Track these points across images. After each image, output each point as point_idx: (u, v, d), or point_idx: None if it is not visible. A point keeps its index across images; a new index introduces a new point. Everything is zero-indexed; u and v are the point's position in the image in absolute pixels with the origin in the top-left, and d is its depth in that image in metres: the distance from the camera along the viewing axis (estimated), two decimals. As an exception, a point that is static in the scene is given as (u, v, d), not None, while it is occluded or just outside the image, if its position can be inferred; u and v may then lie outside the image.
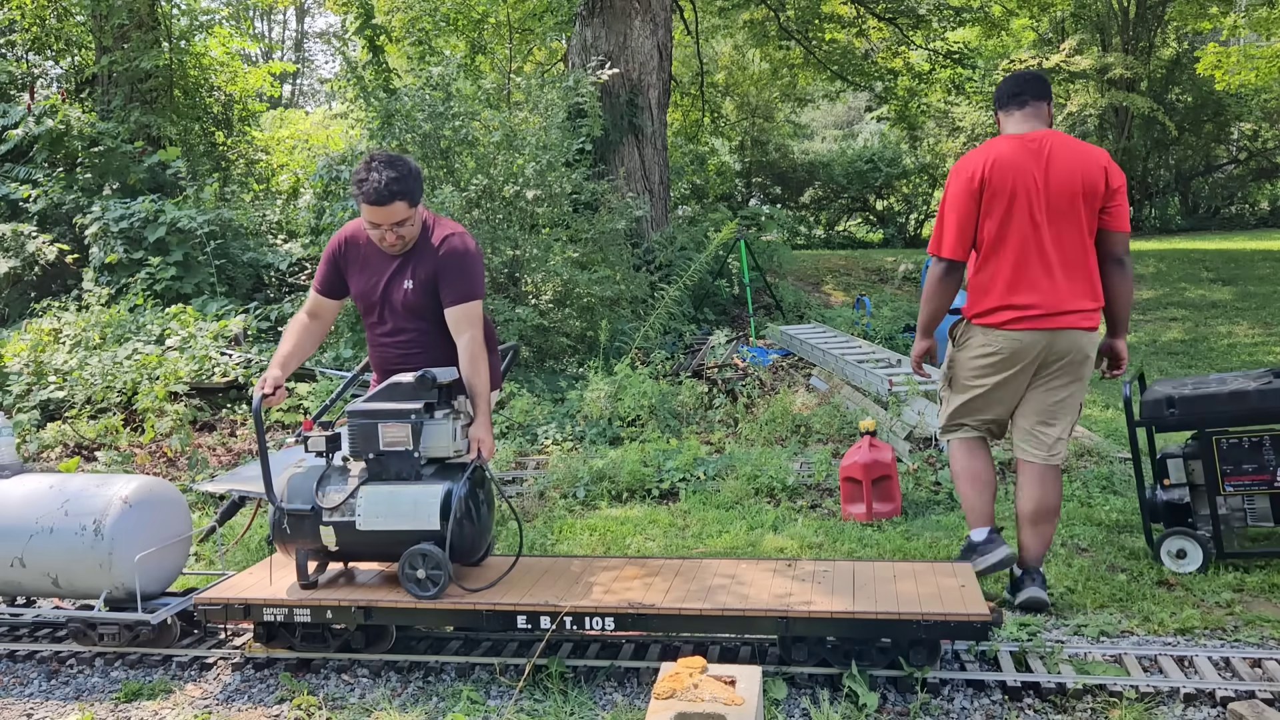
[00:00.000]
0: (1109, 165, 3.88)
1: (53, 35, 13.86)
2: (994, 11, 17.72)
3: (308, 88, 32.84)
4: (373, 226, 3.72)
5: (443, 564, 3.49)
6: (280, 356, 3.88)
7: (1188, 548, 4.23)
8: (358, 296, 3.90)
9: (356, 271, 3.88)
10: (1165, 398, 4.23)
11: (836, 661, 3.36)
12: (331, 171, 8.94)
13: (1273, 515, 4.27)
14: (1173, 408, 4.21)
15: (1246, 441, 4.18)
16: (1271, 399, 4.10)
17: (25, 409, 7.55)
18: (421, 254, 3.80)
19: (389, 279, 3.81)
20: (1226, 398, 4.15)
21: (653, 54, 11.30)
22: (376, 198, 3.62)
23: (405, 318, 3.83)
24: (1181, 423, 4.22)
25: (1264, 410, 4.13)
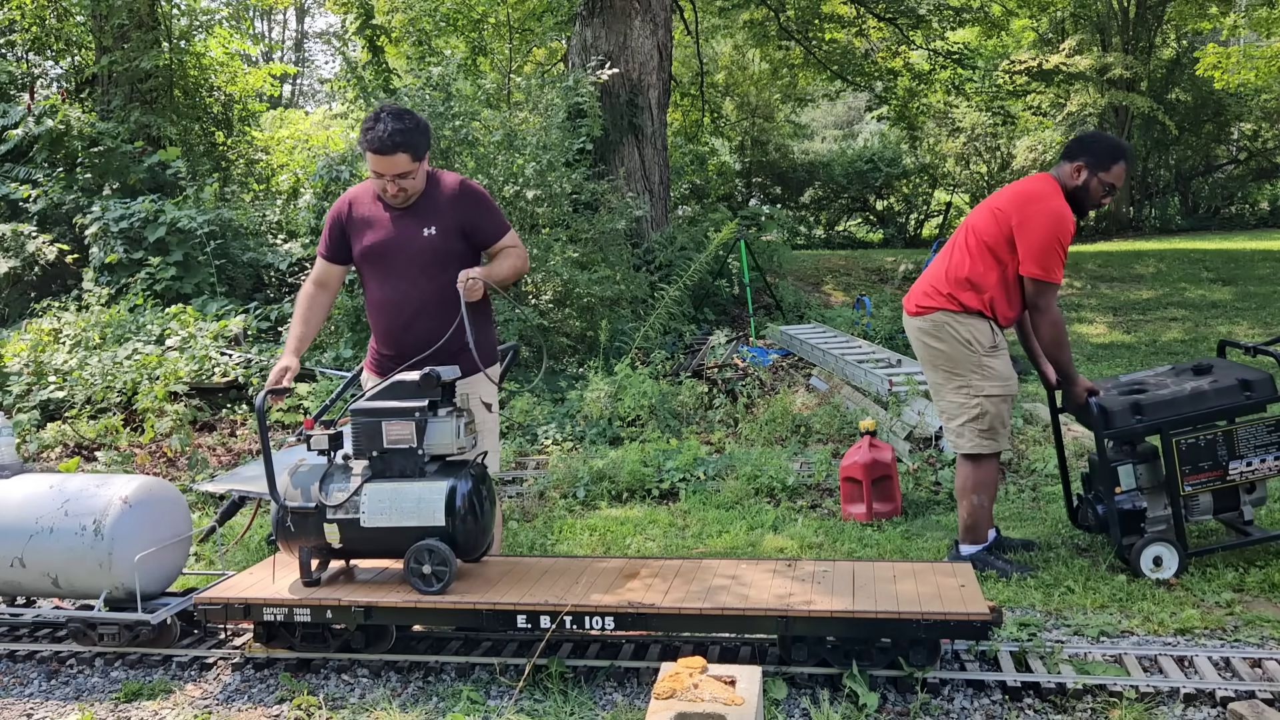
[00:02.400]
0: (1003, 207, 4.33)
1: (53, 35, 13.86)
2: (994, 11, 17.74)
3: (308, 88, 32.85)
4: (376, 176, 3.77)
5: (448, 560, 3.50)
6: (295, 341, 3.91)
7: (1164, 554, 4.26)
8: (366, 253, 3.87)
9: (364, 230, 3.89)
10: (1130, 405, 4.26)
11: (836, 661, 3.36)
12: (331, 171, 8.93)
13: (1214, 509, 4.36)
14: (1139, 414, 4.25)
15: (1203, 440, 4.25)
16: (1229, 395, 4.22)
17: (25, 409, 7.55)
18: (435, 202, 3.86)
19: (403, 230, 3.84)
20: (1188, 399, 4.23)
21: (653, 54, 11.30)
22: (380, 146, 3.67)
23: (428, 266, 3.82)
24: (1149, 428, 4.27)
25: (1219, 408, 4.23)
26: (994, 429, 4.30)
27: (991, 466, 4.38)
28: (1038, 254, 4.19)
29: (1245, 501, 4.38)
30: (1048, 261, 4.20)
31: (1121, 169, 4.28)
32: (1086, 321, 11.58)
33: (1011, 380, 4.35)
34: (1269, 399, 4.24)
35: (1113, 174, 4.26)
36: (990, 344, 4.31)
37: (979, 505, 4.38)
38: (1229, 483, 4.28)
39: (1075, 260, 16.01)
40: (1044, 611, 4.01)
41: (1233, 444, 4.26)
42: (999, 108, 19.31)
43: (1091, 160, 4.25)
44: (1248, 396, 4.20)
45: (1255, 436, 4.27)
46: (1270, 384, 4.20)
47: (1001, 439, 4.35)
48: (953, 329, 4.32)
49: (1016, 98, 20.03)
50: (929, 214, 24.52)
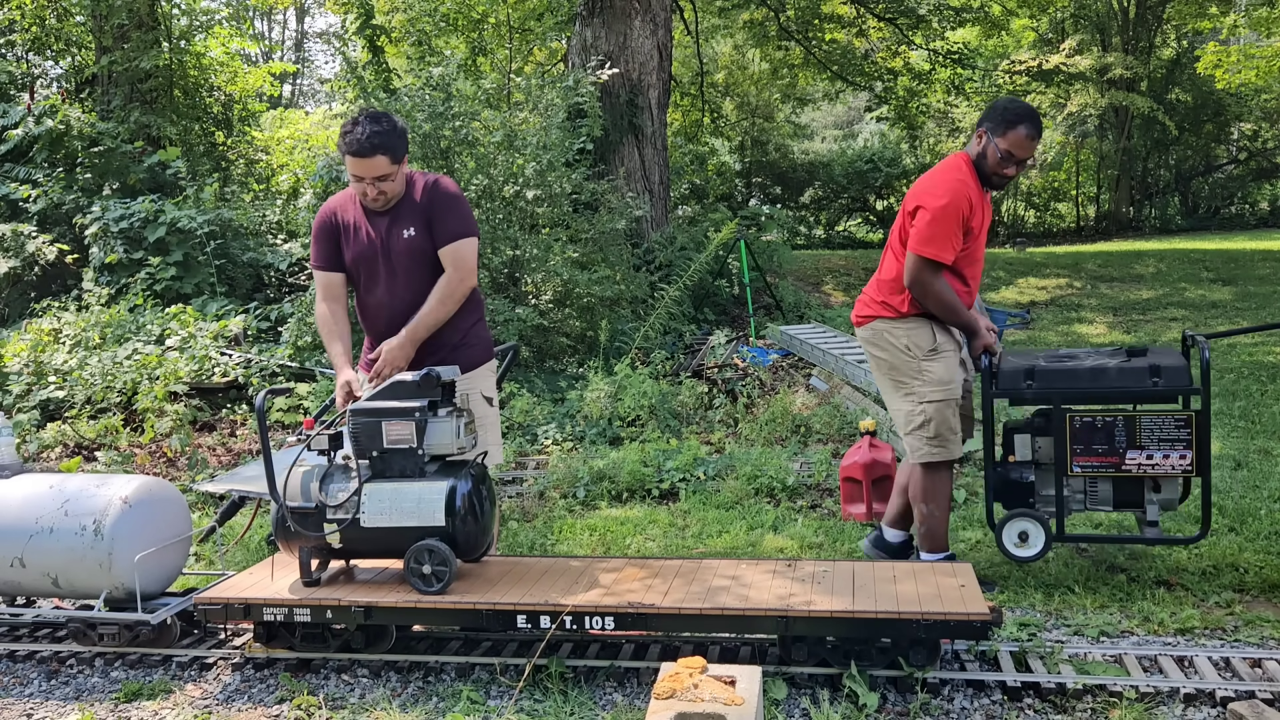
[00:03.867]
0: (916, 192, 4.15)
1: (53, 35, 13.86)
2: (994, 11, 17.74)
3: (308, 88, 32.85)
4: (355, 180, 3.79)
5: (448, 560, 3.50)
6: (341, 356, 3.89)
7: (1030, 530, 4.01)
8: (355, 259, 3.91)
9: (349, 236, 3.92)
10: (1024, 369, 4.00)
11: (836, 661, 3.36)
12: (331, 171, 8.94)
13: (1114, 500, 4.08)
14: (1030, 379, 3.98)
15: (1100, 420, 3.95)
16: (1131, 378, 3.90)
17: (25, 409, 7.55)
18: (411, 204, 3.89)
19: (386, 232, 3.87)
20: (1086, 373, 3.94)
21: (653, 54, 11.30)
22: (359, 149, 3.70)
23: (411, 268, 3.86)
24: (1038, 396, 4.02)
25: (1122, 389, 3.94)
26: (941, 435, 4.10)
27: (943, 476, 4.18)
28: (921, 230, 3.98)
29: (1151, 500, 4.04)
30: (930, 235, 3.96)
31: (1021, 136, 3.97)
32: (1086, 321, 11.58)
33: (953, 384, 4.13)
34: (1177, 389, 3.90)
35: (1009, 140, 3.97)
36: (930, 348, 4.12)
37: (930, 515, 4.19)
38: (1126, 473, 3.96)
39: (1075, 260, 16.02)
40: (1044, 611, 4.01)
41: (1133, 431, 3.93)
42: (999, 108, 19.29)
43: (988, 125, 4.02)
44: (1154, 383, 3.87)
45: (1160, 429, 3.92)
46: (1182, 374, 3.87)
47: (951, 445, 4.13)
48: (891, 336, 4.18)
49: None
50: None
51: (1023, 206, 25.18)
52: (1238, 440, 6.49)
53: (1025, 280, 14.31)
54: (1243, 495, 5.35)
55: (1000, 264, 15.65)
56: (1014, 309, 10.38)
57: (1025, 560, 4.06)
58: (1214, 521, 4.93)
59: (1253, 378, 8.24)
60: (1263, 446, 6.30)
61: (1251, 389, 7.89)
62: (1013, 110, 4.02)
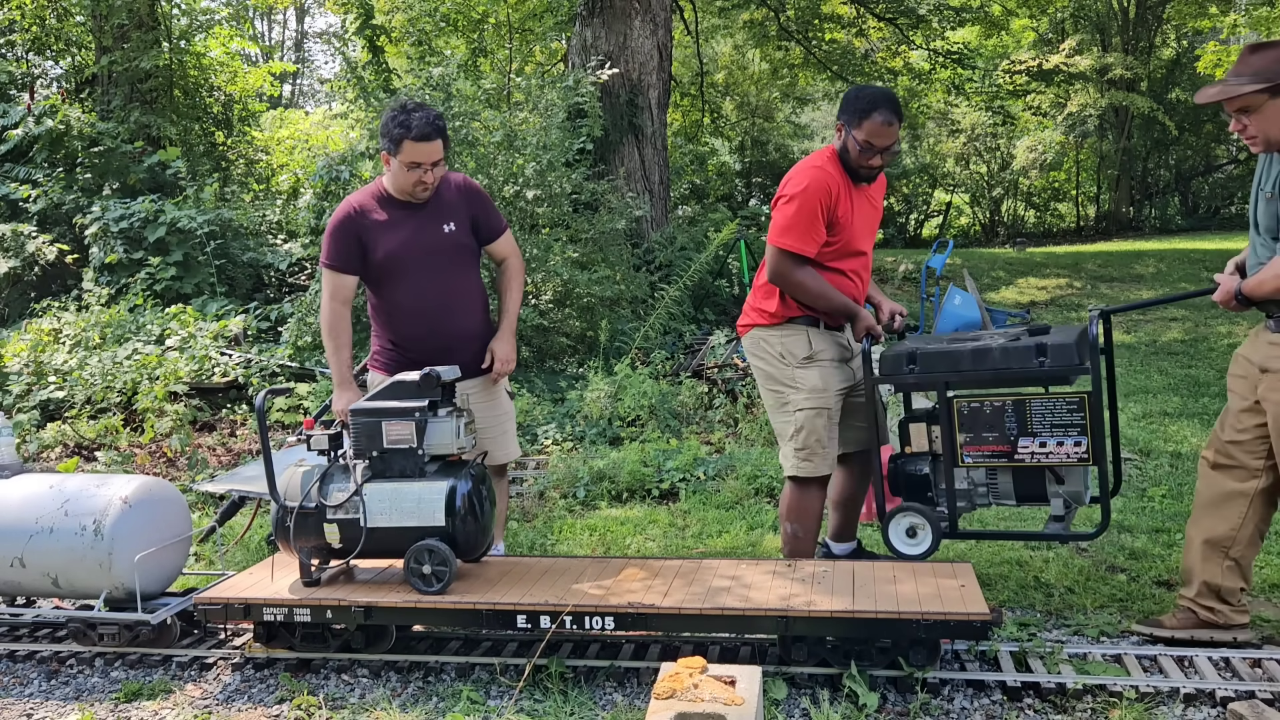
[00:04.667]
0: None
1: (53, 35, 13.87)
2: (994, 11, 17.74)
3: (308, 88, 32.84)
4: (412, 168, 3.79)
5: (448, 560, 3.50)
6: (345, 369, 3.88)
7: (918, 525, 3.76)
8: (389, 257, 3.86)
9: (383, 233, 3.87)
10: (907, 353, 3.73)
11: (836, 661, 3.36)
12: (331, 171, 8.94)
13: (1015, 493, 3.78)
14: (913, 363, 3.70)
15: (989, 406, 3.64)
16: (1017, 358, 3.55)
17: (25, 409, 7.55)
18: (446, 200, 3.95)
19: (424, 228, 3.89)
20: (969, 355, 3.61)
21: (653, 54, 11.30)
22: (423, 132, 3.74)
23: (450, 264, 3.93)
24: (921, 381, 3.74)
25: (1008, 371, 3.58)
26: (809, 447, 3.89)
27: (813, 494, 3.97)
28: (778, 221, 3.83)
29: (1054, 493, 3.72)
30: (787, 225, 3.79)
31: (877, 125, 3.74)
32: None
33: (825, 393, 3.89)
34: (1067, 369, 3.51)
35: (865, 130, 3.75)
36: (804, 355, 3.92)
37: (793, 535, 4.00)
38: (1019, 463, 3.64)
39: (1075, 260, 16.02)
40: (1044, 611, 4.01)
41: (1024, 417, 3.61)
42: (999, 108, 19.33)
43: (845, 117, 3.82)
44: (1040, 362, 3.52)
45: (1052, 413, 3.59)
46: (1069, 352, 3.48)
47: (820, 461, 3.91)
48: (767, 344, 4.00)
49: (1016, 98, 20.04)
50: (929, 214, 24.54)
51: (1023, 206, 25.18)
52: (1238, 440, 6.48)
53: (1025, 280, 14.31)
54: (1243, 495, 5.34)
55: (1000, 264, 15.65)
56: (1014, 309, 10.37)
57: (914, 558, 3.76)
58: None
59: (1253, 378, 8.23)
60: (1263, 446, 6.29)
61: (1251, 389, 7.88)
62: (865, 98, 3.79)
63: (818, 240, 3.82)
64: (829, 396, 3.91)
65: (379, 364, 4.04)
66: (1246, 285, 3.34)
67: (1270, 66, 3.19)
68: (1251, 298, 3.34)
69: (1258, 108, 3.22)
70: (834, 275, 3.91)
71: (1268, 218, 3.33)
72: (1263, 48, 3.24)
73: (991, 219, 24.41)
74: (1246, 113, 3.26)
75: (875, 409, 3.90)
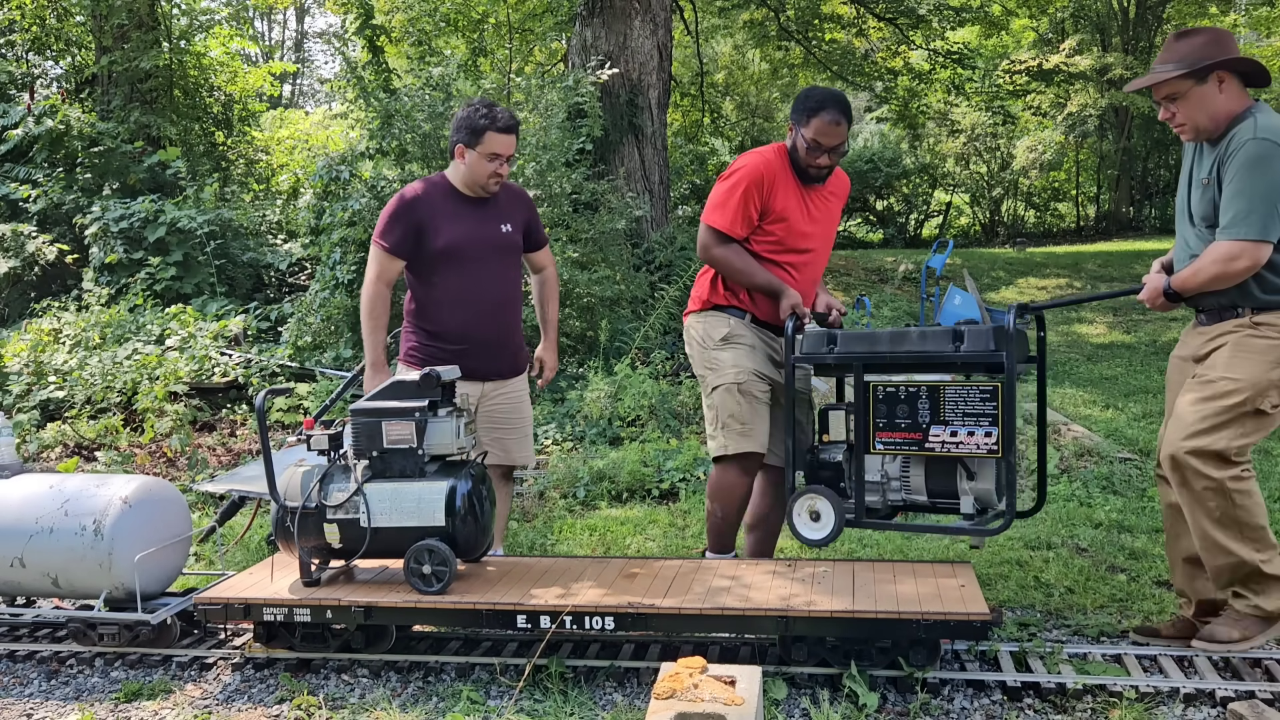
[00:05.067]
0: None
1: (53, 35, 13.87)
2: (994, 11, 17.73)
3: (308, 88, 32.83)
4: (489, 159, 3.90)
5: (448, 560, 3.50)
6: (380, 351, 3.94)
7: (821, 509, 3.65)
8: (450, 246, 3.92)
9: (442, 224, 3.93)
10: (826, 334, 3.68)
11: (836, 661, 3.36)
12: (331, 171, 8.94)
13: (928, 490, 3.65)
14: (832, 344, 3.65)
15: (903, 392, 3.57)
16: (933, 342, 3.49)
17: (25, 409, 7.55)
18: (502, 201, 4.08)
19: (484, 225, 4.00)
20: (887, 338, 3.58)
21: (653, 54, 11.29)
22: (506, 124, 3.89)
23: (502, 262, 4.05)
24: (840, 362, 3.68)
25: (924, 355, 3.52)
26: (727, 425, 3.85)
27: (733, 474, 3.90)
28: (711, 199, 3.90)
29: (965, 490, 3.59)
30: (717, 203, 3.86)
31: (825, 123, 3.73)
32: (1087, 321, 11.58)
33: (738, 370, 3.85)
34: (982, 357, 3.41)
35: (813, 129, 3.74)
36: (721, 336, 3.93)
37: (714, 513, 3.98)
38: (930, 451, 3.54)
39: (1075, 260, 16.02)
40: (1044, 611, 4.01)
41: (937, 404, 3.51)
42: (999, 108, 19.32)
43: (794, 117, 3.83)
44: (955, 348, 3.43)
45: (963, 401, 3.49)
46: (986, 338, 3.39)
47: (739, 439, 3.84)
48: (693, 330, 4.05)
49: (1016, 98, 20.03)
50: (929, 214, 24.53)
51: (1023, 206, 25.17)
52: (1238, 440, 6.48)
53: (1025, 280, 14.31)
54: (1243, 495, 5.34)
55: (1000, 264, 15.65)
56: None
57: (816, 543, 3.66)
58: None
59: (1253, 378, 8.23)
60: (1262, 446, 6.30)
61: (1251, 389, 7.87)
62: (814, 98, 3.80)
63: (747, 223, 3.84)
64: (744, 373, 3.86)
65: (415, 359, 4.01)
66: (1177, 279, 3.28)
67: (1194, 53, 3.16)
68: (1182, 292, 3.29)
69: (1184, 94, 3.19)
70: (772, 268, 3.88)
71: (1204, 205, 3.24)
72: (1188, 35, 3.21)
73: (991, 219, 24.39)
74: (1174, 100, 3.22)
75: (792, 390, 3.76)
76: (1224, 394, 3.19)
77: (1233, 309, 3.24)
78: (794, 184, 3.88)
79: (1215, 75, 3.16)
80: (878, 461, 3.69)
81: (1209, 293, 3.25)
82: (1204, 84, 3.16)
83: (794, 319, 3.73)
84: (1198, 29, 3.22)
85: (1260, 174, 3.07)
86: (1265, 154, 3.07)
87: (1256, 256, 3.10)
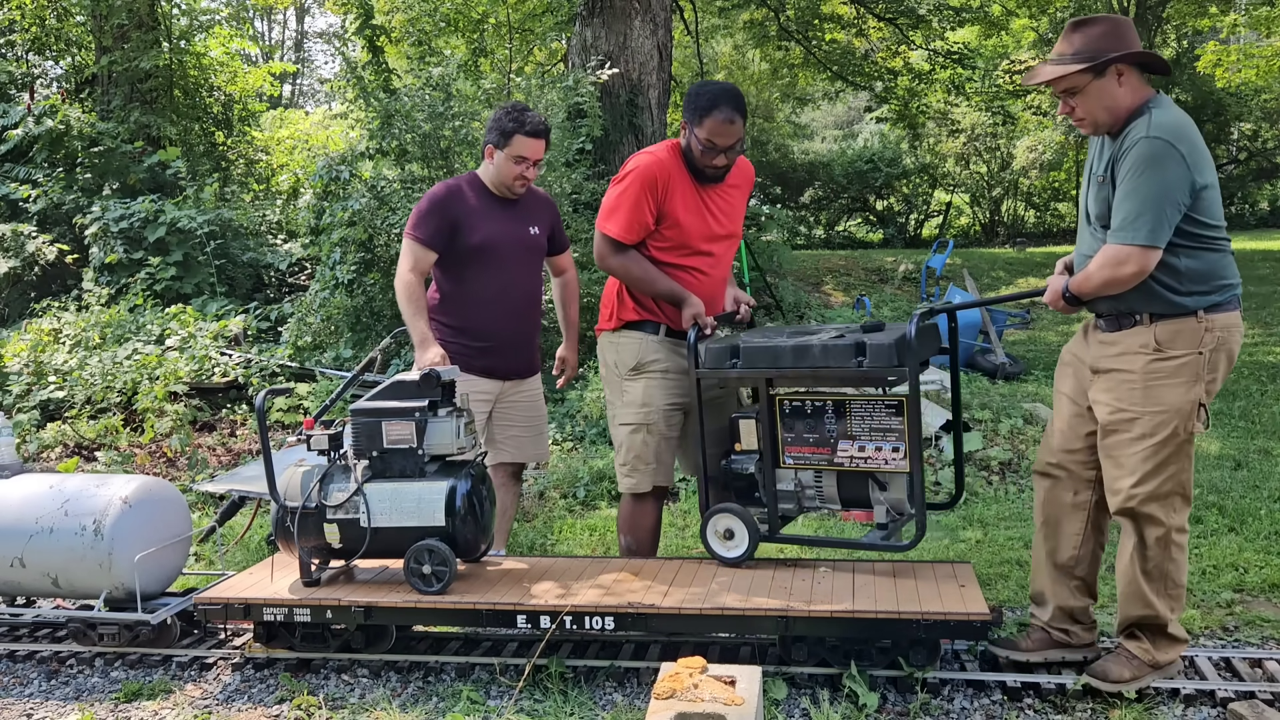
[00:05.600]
0: None
1: (53, 35, 13.88)
2: (994, 11, 17.73)
3: (308, 88, 32.85)
4: (517, 161, 3.96)
5: (448, 560, 3.50)
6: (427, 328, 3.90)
7: (735, 527, 3.60)
8: (484, 244, 3.97)
9: (478, 222, 3.98)
10: (730, 346, 3.55)
11: (836, 661, 3.36)
12: (331, 171, 8.93)
13: (841, 499, 3.61)
14: (735, 357, 3.53)
15: (810, 405, 3.51)
16: (836, 356, 3.37)
17: (25, 409, 7.55)
18: (529, 204, 4.15)
19: (513, 225, 4.06)
20: (791, 352, 3.44)
21: (653, 54, 11.29)
22: (537, 129, 3.94)
23: (529, 263, 4.15)
24: (744, 376, 3.56)
25: (827, 370, 3.39)
26: (632, 465, 3.78)
27: (646, 507, 3.86)
28: (604, 206, 3.75)
29: (878, 500, 3.54)
30: (609, 210, 3.71)
31: (718, 123, 3.57)
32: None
33: (649, 409, 3.75)
34: (884, 369, 3.30)
35: (706, 128, 3.59)
36: (632, 366, 3.79)
37: (628, 549, 3.94)
38: (839, 466, 3.50)
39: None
40: (1044, 611, 4.00)
41: (845, 418, 3.47)
42: (999, 108, 19.31)
43: (687, 115, 3.66)
44: (858, 362, 3.33)
45: (871, 415, 3.45)
46: (889, 353, 3.29)
47: (643, 478, 3.78)
48: (606, 353, 3.89)
49: (1016, 98, 20.03)
50: (929, 214, 24.54)
51: (1023, 206, 25.18)
52: (1238, 440, 6.49)
53: (1025, 280, 14.32)
54: (1243, 495, 5.35)
55: (1000, 264, 15.65)
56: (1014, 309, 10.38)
57: (731, 562, 3.63)
58: (1214, 521, 4.94)
59: (1253, 378, 8.24)
60: (1263, 446, 6.30)
61: (1251, 389, 7.89)
62: (706, 95, 3.61)
63: (642, 228, 3.68)
64: (651, 413, 3.77)
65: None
66: (1074, 282, 3.08)
67: (1091, 45, 2.97)
68: (1080, 296, 3.08)
69: (1082, 89, 2.99)
70: (673, 271, 3.74)
71: (1099, 204, 3.06)
72: (1084, 24, 3.01)
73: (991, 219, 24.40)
74: (1072, 94, 3.02)
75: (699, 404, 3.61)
76: (1153, 430, 3.01)
77: (1131, 316, 3.05)
78: (690, 183, 3.74)
79: (1114, 68, 2.96)
80: (790, 470, 3.62)
81: (1107, 297, 3.06)
82: (1103, 77, 2.96)
83: (695, 329, 3.60)
84: (1095, 18, 3.01)
85: (1151, 175, 2.88)
86: (1158, 154, 2.87)
87: (1144, 262, 2.91)
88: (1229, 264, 3.04)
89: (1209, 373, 3.02)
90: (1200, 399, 3.02)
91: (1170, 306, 3.00)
